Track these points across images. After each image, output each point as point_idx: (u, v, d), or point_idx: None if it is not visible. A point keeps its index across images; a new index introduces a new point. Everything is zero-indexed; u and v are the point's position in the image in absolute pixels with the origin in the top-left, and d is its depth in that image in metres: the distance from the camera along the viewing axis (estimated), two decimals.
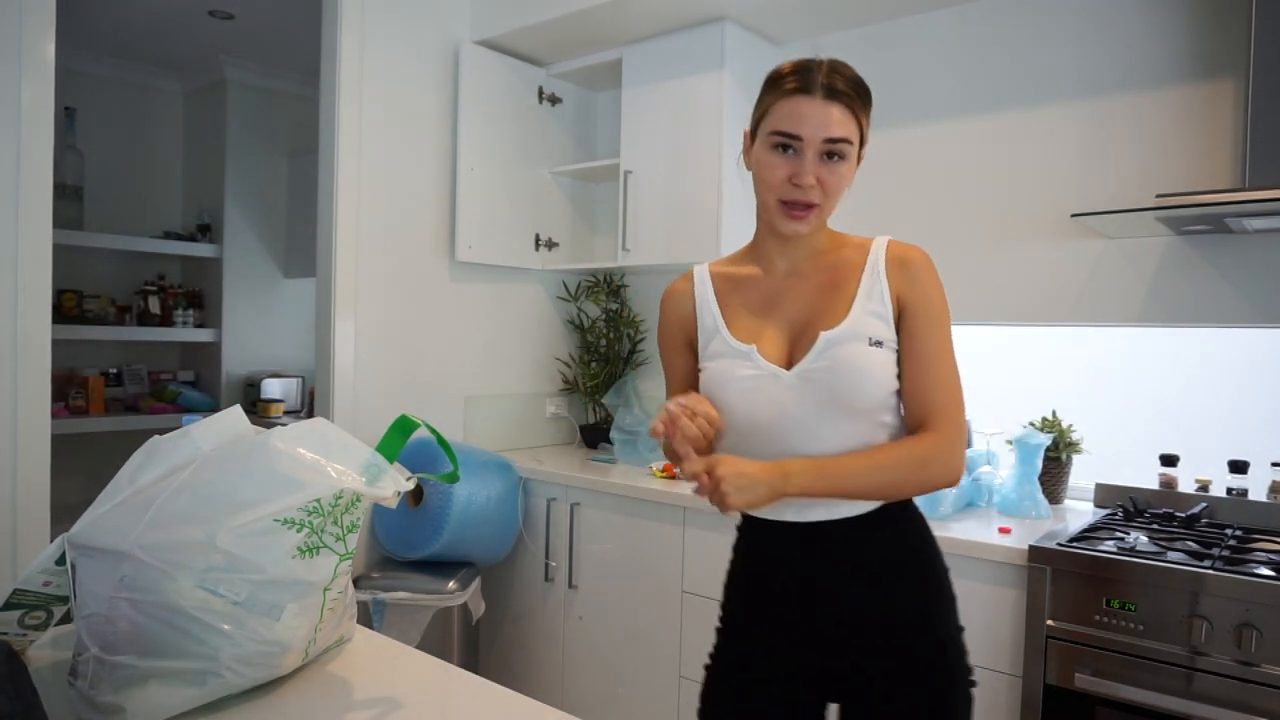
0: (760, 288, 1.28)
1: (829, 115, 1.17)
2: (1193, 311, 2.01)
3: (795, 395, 1.19)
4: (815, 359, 1.18)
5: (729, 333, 1.26)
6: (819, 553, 1.20)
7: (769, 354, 1.22)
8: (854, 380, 1.17)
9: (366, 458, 0.97)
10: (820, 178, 1.18)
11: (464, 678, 1.08)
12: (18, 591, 0.97)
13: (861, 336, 1.18)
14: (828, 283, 1.24)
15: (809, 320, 1.22)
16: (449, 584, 2.43)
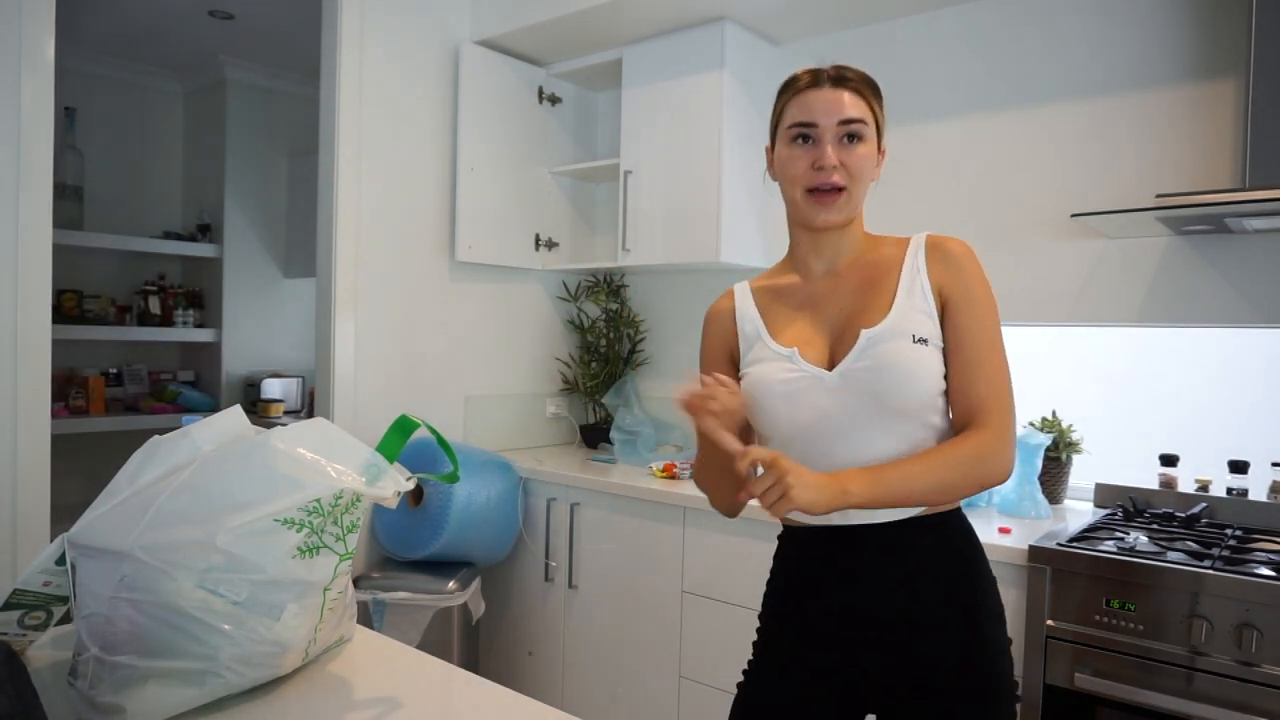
0: (800, 293, 1.26)
1: (840, 99, 1.18)
2: (1193, 311, 2.01)
3: (838, 396, 1.16)
4: (857, 358, 1.16)
5: (770, 337, 1.24)
6: (863, 558, 1.16)
7: (810, 356, 1.19)
8: (898, 378, 1.13)
9: (366, 458, 0.97)
10: (842, 160, 1.18)
11: (464, 678, 1.08)
12: (18, 591, 0.97)
13: (904, 334, 1.15)
14: (867, 280, 1.21)
15: (849, 319, 1.19)
16: (449, 584, 2.43)
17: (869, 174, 1.21)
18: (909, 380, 1.14)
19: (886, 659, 1.15)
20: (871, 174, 1.22)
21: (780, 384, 1.18)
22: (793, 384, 1.18)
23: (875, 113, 1.22)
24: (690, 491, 2.20)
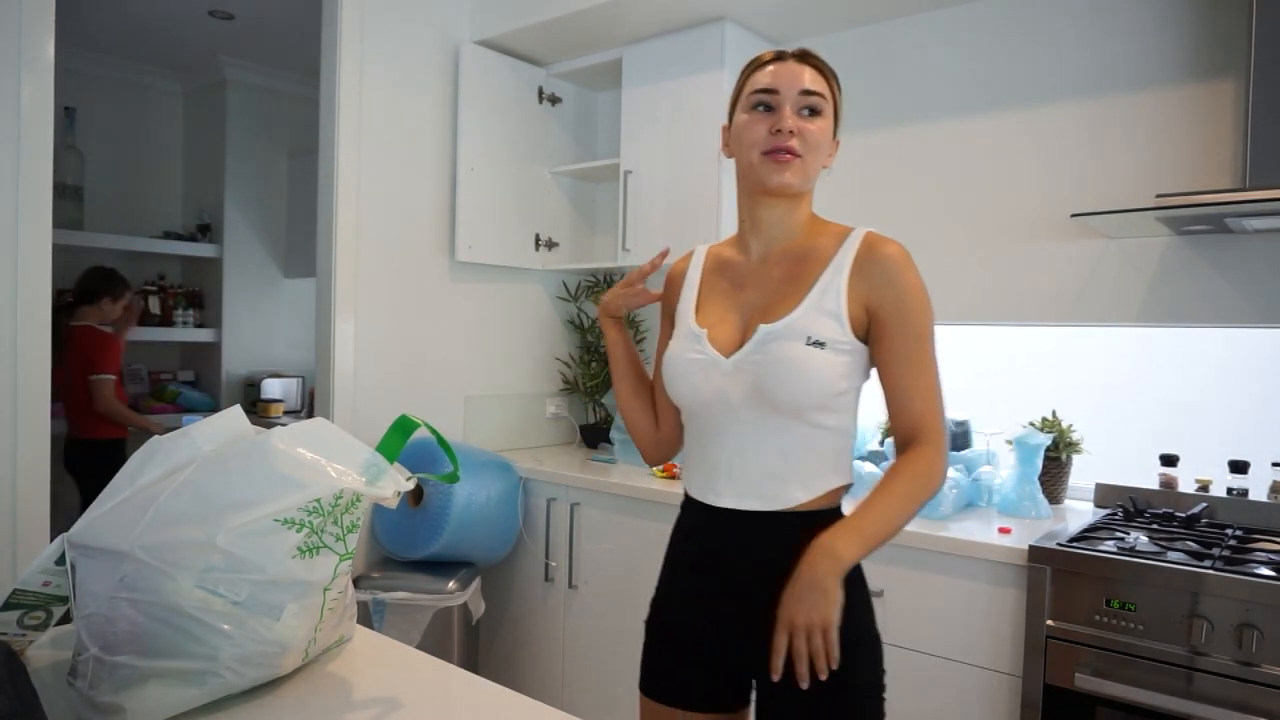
0: (735, 271, 1.30)
1: (801, 71, 1.21)
2: (1193, 311, 2.01)
3: (730, 384, 1.20)
4: (751, 351, 1.19)
5: (692, 314, 1.29)
6: (746, 539, 1.21)
7: (718, 339, 1.23)
8: (783, 378, 1.16)
9: (366, 458, 0.97)
10: (799, 128, 1.19)
11: (464, 678, 1.08)
12: (17, 591, 0.97)
13: (800, 335, 1.16)
14: (792, 272, 1.23)
15: (761, 310, 1.22)
16: (449, 584, 2.43)
17: (823, 149, 1.23)
18: (795, 382, 1.16)
19: (757, 633, 1.17)
20: (826, 153, 1.24)
21: (685, 361, 1.24)
22: (695, 364, 1.23)
23: (835, 98, 1.24)
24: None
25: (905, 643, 1.86)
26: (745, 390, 1.19)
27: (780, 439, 1.19)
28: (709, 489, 1.24)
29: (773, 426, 1.19)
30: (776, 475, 1.19)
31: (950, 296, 2.36)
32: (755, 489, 1.20)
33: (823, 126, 1.21)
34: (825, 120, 1.22)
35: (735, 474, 1.21)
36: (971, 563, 1.78)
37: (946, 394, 1.23)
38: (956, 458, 2.18)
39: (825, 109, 1.22)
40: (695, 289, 1.32)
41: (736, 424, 1.21)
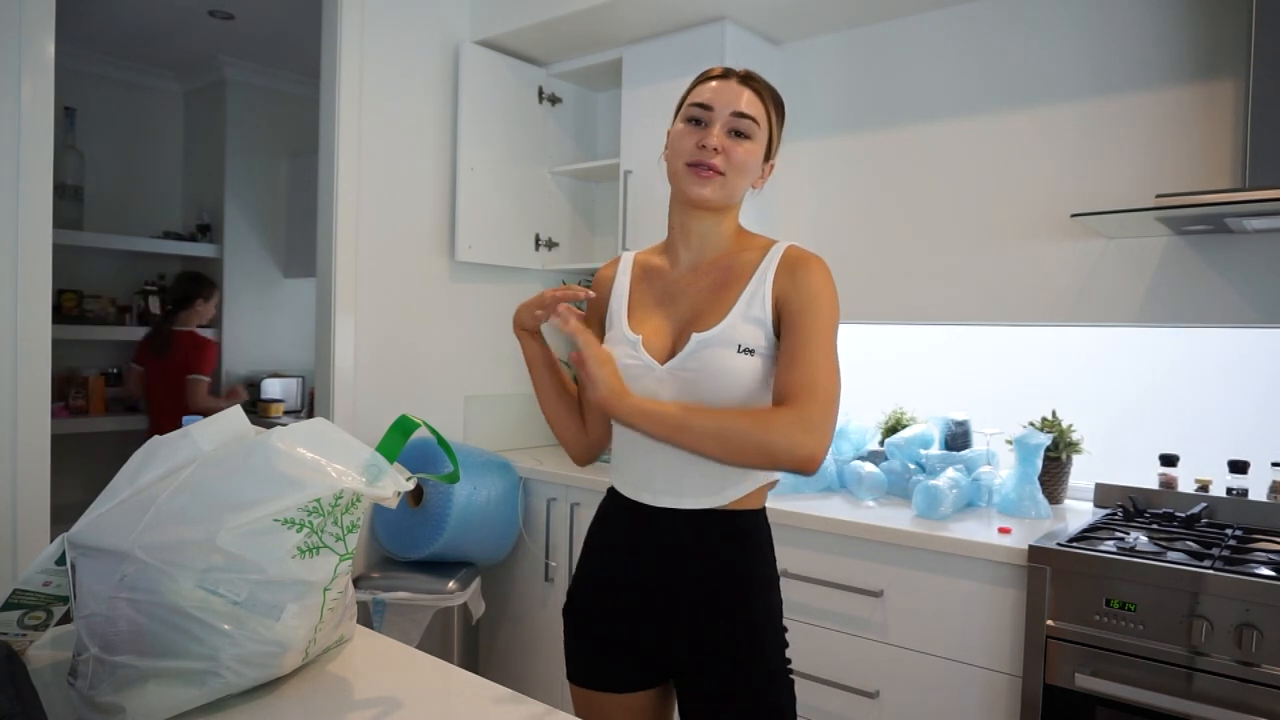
0: (664, 280, 1.34)
1: (740, 93, 1.26)
2: (1193, 311, 2.01)
3: (665, 389, 1.24)
4: (685, 359, 1.24)
5: (626, 319, 1.33)
6: (664, 537, 1.26)
7: (652, 346, 1.28)
8: (719, 384, 1.21)
9: (366, 458, 0.97)
10: (726, 147, 1.25)
11: (464, 678, 1.08)
12: (18, 591, 0.97)
13: (731, 342, 1.22)
14: (720, 282, 1.28)
15: (692, 319, 1.27)
16: (449, 584, 2.43)
17: (749, 171, 1.28)
18: (729, 387, 1.22)
19: (671, 626, 1.26)
20: (753, 174, 1.29)
21: (621, 367, 1.26)
22: (630, 369, 1.26)
23: (771, 122, 1.30)
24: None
25: (905, 643, 1.86)
26: (678, 395, 1.24)
27: None
28: (644, 489, 1.28)
29: None
30: (712, 475, 1.24)
31: (950, 296, 2.36)
32: (693, 489, 1.25)
33: (750, 149, 1.26)
34: (754, 144, 1.27)
35: (672, 475, 1.26)
36: (971, 563, 1.78)
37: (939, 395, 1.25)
38: (956, 458, 2.18)
39: (756, 134, 1.27)
40: (626, 295, 1.36)
41: None
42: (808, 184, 2.64)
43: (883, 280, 2.48)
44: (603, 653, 1.33)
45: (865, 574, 1.92)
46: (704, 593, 1.25)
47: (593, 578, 1.35)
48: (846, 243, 2.56)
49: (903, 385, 2.50)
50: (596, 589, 1.34)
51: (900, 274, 2.45)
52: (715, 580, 1.25)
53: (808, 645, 2.00)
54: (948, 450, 2.25)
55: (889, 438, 2.31)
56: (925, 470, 2.20)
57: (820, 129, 2.62)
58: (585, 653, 1.35)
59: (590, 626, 1.34)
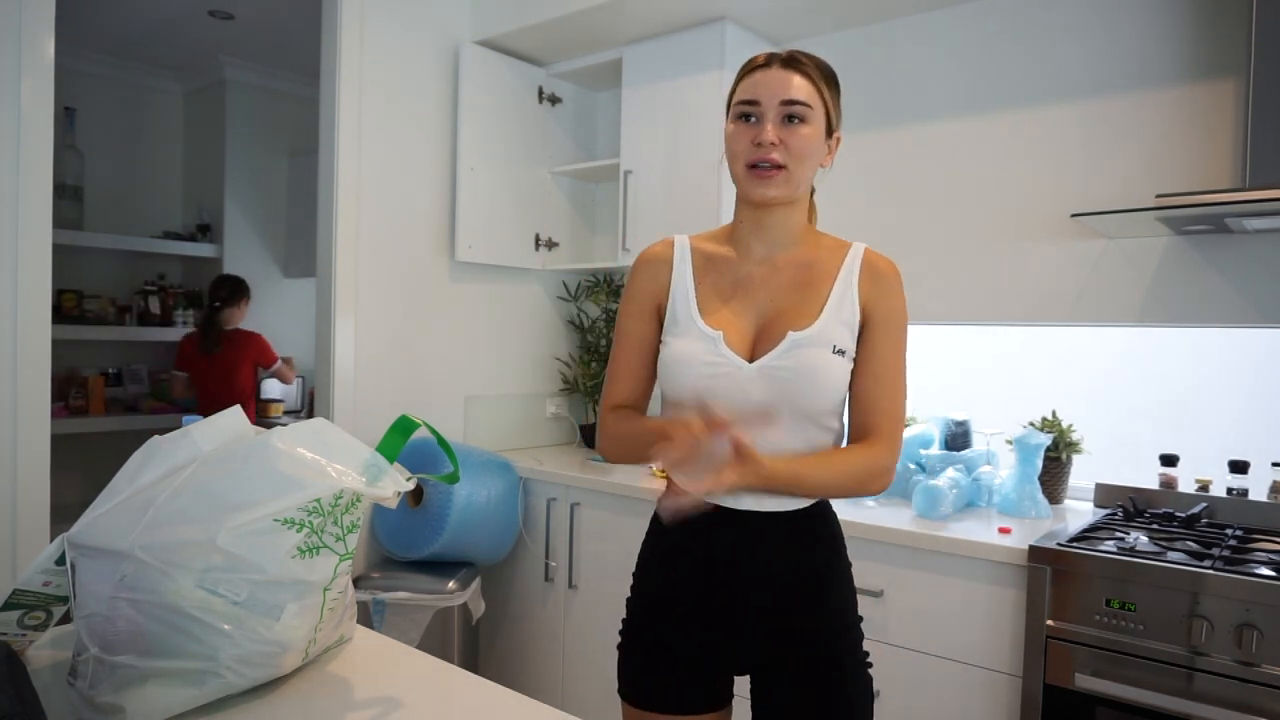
0: (733, 271, 1.29)
1: (787, 80, 1.21)
2: (1193, 311, 2.01)
3: (754, 388, 1.20)
4: (779, 357, 1.20)
5: (699, 313, 1.26)
6: (740, 539, 1.22)
7: (733, 343, 1.23)
8: (813, 385, 1.19)
9: (366, 458, 0.97)
10: (782, 138, 1.21)
11: (464, 678, 1.08)
12: (18, 591, 0.97)
13: (827, 343, 1.21)
14: (801, 280, 1.26)
15: (778, 316, 1.23)
16: (449, 584, 2.43)
17: (812, 156, 1.23)
18: (822, 388, 1.20)
19: (749, 630, 1.22)
20: (816, 157, 1.25)
21: (701, 365, 1.22)
22: (713, 368, 1.21)
23: (825, 99, 1.24)
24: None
25: (905, 643, 1.86)
26: (766, 395, 1.19)
27: (795, 440, 1.21)
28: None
29: (793, 429, 1.21)
30: None
31: (950, 297, 2.36)
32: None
33: (808, 134, 1.22)
34: (811, 127, 1.22)
35: None
36: (971, 563, 1.78)
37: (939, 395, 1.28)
38: (956, 458, 2.18)
39: (811, 115, 1.22)
40: (691, 285, 1.28)
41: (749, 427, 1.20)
42: None
43: None
44: (668, 670, 1.27)
45: (865, 574, 1.92)
46: (795, 590, 1.22)
47: (661, 590, 1.29)
48: None
49: None
50: (670, 603, 1.27)
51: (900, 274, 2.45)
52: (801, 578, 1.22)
53: None
54: (948, 450, 2.25)
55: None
56: (925, 470, 2.20)
57: None
58: (648, 669, 1.28)
59: (658, 642, 1.28)
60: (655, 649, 1.28)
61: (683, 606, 1.26)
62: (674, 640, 1.27)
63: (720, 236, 1.34)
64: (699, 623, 1.24)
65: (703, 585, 1.24)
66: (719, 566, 1.23)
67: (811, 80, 1.22)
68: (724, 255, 1.30)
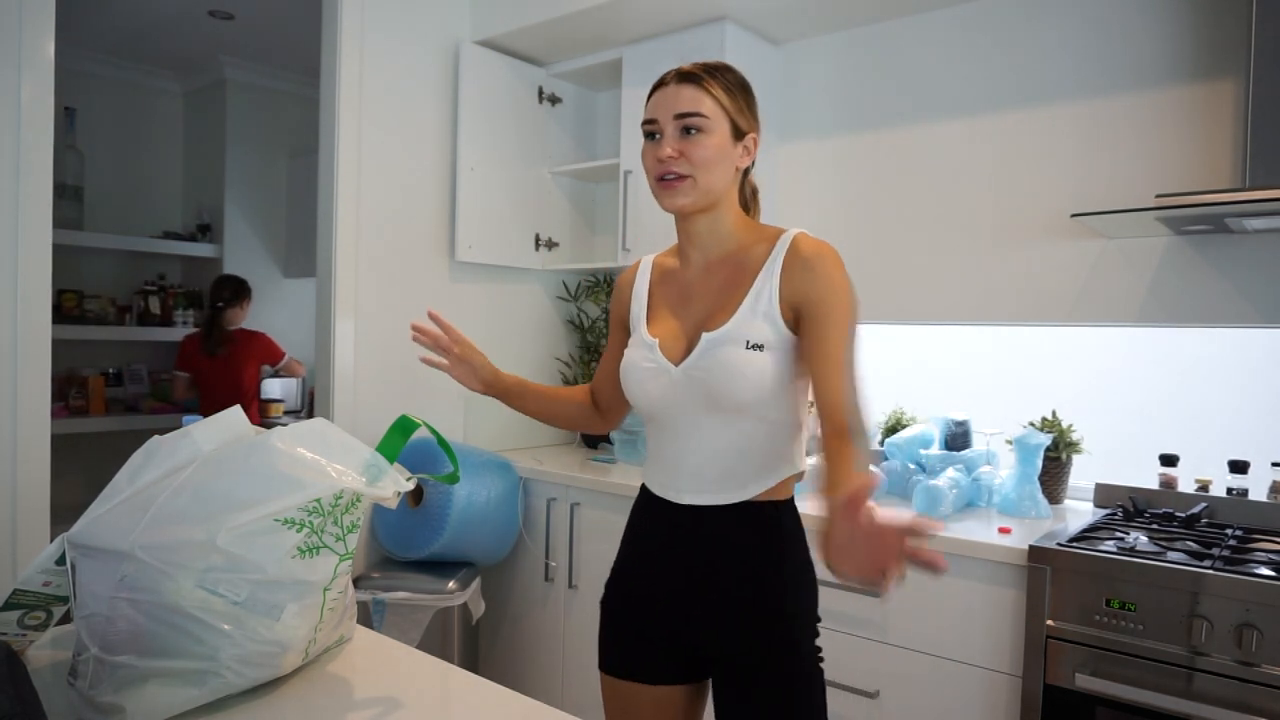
0: (679, 281, 1.36)
1: (678, 94, 1.27)
2: (1193, 311, 2.01)
3: (679, 389, 1.27)
4: (697, 358, 1.26)
5: (645, 324, 1.36)
6: (692, 533, 1.29)
7: (668, 348, 1.30)
8: (729, 383, 1.22)
9: (367, 458, 0.97)
10: (682, 150, 1.26)
11: (464, 678, 1.08)
12: (18, 591, 0.97)
13: (740, 340, 1.23)
14: (730, 280, 1.29)
15: (706, 318, 1.29)
16: (449, 584, 2.43)
17: (717, 161, 1.27)
18: (737, 383, 1.22)
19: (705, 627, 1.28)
20: (724, 162, 1.28)
21: (640, 370, 1.31)
22: (648, 372, 1.30)
23: (725, 106, 1.28)
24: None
25: (905, 643, 1.86)
26: (695, 395, 1.26)
27: (734, 437, 1.26)
28: (670, 487, 1.31)
29: (725, 427, 1.26)
30: (733, 472, 1.26)
31: (951, 296, 2.36)
32: (714, 486, 1.27)
33: (707, 143, 1.26)
34: (710, 135, 1.26)
35: (694, 474, 1.28)
36: (971, 563, 1.78)
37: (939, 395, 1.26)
38: (956, 458, 2.18)
39: (708, 124, 1.26)
40: (645, 299, 1.39)
41: (692, 427, 1.28)
42: (807, 184, 2.64)
43: (883, 280, 2.48)
44: (636, 643, 1.34)
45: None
46: (734, 584, 1.26)
47: (628, 570, 1.38)
48: (846, 243, 2.55)
49: (903, 385, 2.50)
50: (632, 582, 1.36)
51: (900, 274, 2.45)
52: (744, 571, 1.26)
53: None
54: (948, 450, 2.25)
55: (889, 438, 2.31)
56: (925, 470, 2.20)
57: (820, 129, 2.62)
58: (619, 642, 1.36)
59: (625, 617, 1.36)
60: (626, 622, 1.36)
61: (643, 586, 1.34)
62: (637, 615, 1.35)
63: (674, 250, 1.42)
64: (658, 603, 1.32)
65: (658, 569, 1.32)
66: (671, 552, 1.31)
67: (707, 90, 1.27)
68: (673, 267, 1.39)
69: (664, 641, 1.32)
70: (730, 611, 1.27)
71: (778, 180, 2.69)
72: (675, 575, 1.30)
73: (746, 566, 1.26)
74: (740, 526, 1.27)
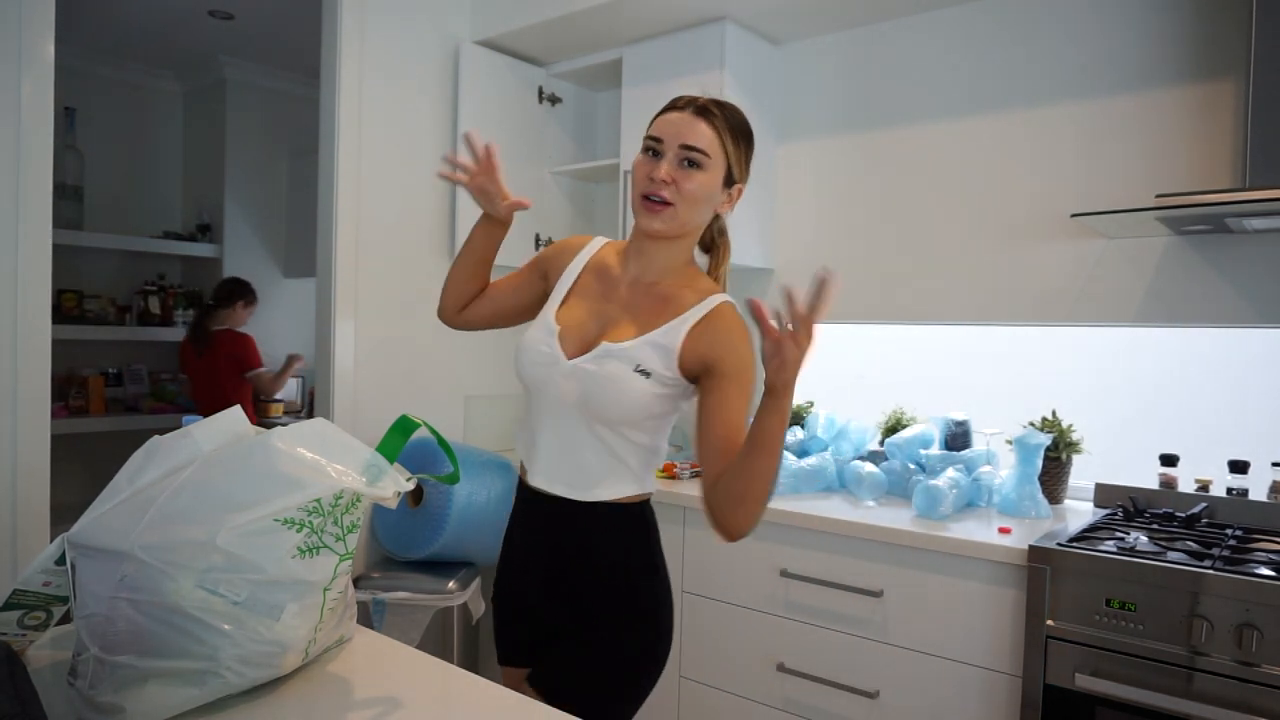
0: (608, 282, 1.39)
1: (692, 125, 1.29)
2: (1193, 311, 2.01)
3: (563, 383, 1.31)
4: (589, 360, 1.30)
5: (556, 306, 1.40)
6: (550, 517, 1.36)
7: (566, 340, 1.34)
8: (605, 395, 1.27)
9: (367, 458, 0.97)
10: (676, 178, 1.28)
11: (464, 678, 1.08)
12: (18, 591, 0.97)
13: (632, 360, 1.27)
14: (651, 309, 1.33)
15: (611, 328, 1.33)
16: (449, 584, 2.43)
17: (702, 201, 1.30)
18: (612, 398, 1.27)
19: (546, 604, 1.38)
20: (708, 203, 1.32)
21: (533, 351, 1.36)
22: (539, 355, 1.35)
23: (727, 151, 1.31)
24: (690, 491, 2.20)
25: (905, 643, 1.87)
26: (574, 393, 1.30)
27: (594, 443, 1.31)
28: (528, 463, 1.39)
29: (590, 430, 1.31)
30: (584, 473, 1.32)
31: (951, 296, 2.36)
32: (563, 478, 1.34)
33: (702, 180, 1.28)
34: (706, 174, 1.29)
35: (549, 460, 1.35)
36: (971, 563, 1.78)
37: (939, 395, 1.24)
38: (956, 458, 2.18)
39: (709, 164, 1.29)
40: (571, 282, 1.41)
41: (562, 419, 1.33)
42: (807, 184, 2.64)
43: (883, 280, 2.48)
44: (514, 629, 1.44)
45: (865, 574, 1.92)
46: (577, 574, 1.34)
47: (504, 556, 1.47)
48: (846, 242, 2.56)
49: (903, 385, 2.50)
50: (505, 568, 1.46)
51: (900, 274, 2.45)
52: (588, 562, 1.34)
53: (808, 645, 2.00)
54: (948, 450, 2.25)
55: (889, 438, 2.31)
56: (925, 470, 2.20)
57: (820, 129, 2.62)
58: (501, 632, 1.46)
59: (504, 605, 1.45)
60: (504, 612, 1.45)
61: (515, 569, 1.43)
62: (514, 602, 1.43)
63: (621, 248, 1.44)
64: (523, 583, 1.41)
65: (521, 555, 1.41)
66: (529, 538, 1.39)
67: (717, 131, 1.30)
68: (610, 266, 1.41)
69: (531, 624, 1.40)
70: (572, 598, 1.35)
71: (778, 180, 2.69)
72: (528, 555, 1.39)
73: (584, 555, 1.33)
74: (579, 521, 1.33)
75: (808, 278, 1.03)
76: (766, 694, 2.06)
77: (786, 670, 2.02)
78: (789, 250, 2.66)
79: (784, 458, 1.18)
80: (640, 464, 1.34)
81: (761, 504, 1.18)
